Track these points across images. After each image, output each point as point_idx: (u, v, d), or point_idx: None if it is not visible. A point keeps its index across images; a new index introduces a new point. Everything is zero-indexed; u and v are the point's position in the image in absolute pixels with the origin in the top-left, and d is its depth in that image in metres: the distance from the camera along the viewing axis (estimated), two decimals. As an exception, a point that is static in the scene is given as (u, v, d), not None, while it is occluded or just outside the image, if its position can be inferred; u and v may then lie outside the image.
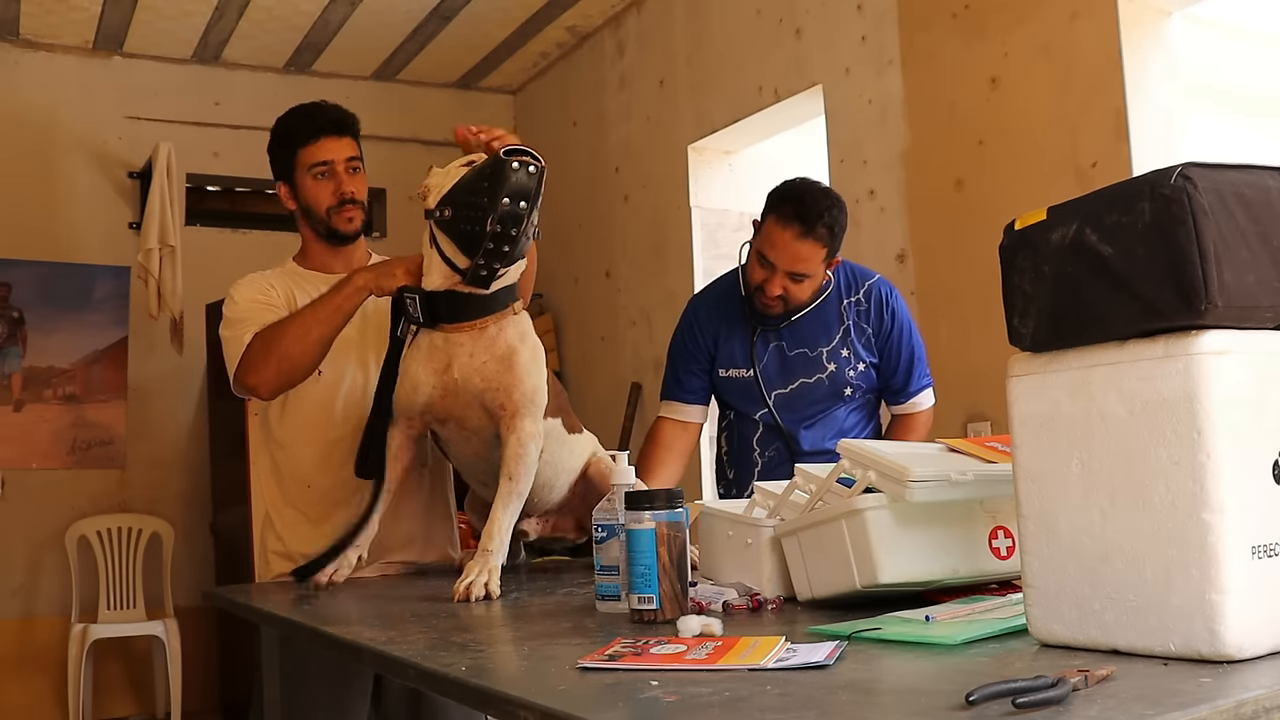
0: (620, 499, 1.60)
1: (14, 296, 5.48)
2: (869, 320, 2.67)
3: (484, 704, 1.12)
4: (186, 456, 5.67)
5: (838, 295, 2.68)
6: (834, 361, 2.65)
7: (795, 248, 2.52)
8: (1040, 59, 3.37)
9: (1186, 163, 1.08)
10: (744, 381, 2.69)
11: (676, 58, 5.04)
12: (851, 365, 2.65)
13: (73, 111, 5.59)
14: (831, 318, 2.67)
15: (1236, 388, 1.05)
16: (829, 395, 2.66)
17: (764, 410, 2.68)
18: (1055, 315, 1.16)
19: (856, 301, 2.68)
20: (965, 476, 1.42)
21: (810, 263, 2.55)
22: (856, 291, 2.69)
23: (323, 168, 2.37)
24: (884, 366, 2.70)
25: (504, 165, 1.91)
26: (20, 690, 5.26)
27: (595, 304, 5.47)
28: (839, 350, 2.66)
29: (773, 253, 2.55)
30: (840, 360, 2.65)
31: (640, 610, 1.48)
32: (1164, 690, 0.95)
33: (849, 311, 2.67)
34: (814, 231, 2.51)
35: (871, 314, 2.67)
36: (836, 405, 2.68)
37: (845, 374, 2.65)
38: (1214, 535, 1.02)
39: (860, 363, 2.66)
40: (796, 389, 2.66)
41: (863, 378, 2.67)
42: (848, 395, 2.67)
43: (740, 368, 2.69)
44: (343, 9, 5.25)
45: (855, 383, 2.66)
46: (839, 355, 2.66)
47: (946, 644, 1.17)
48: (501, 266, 2.00)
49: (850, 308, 2.67)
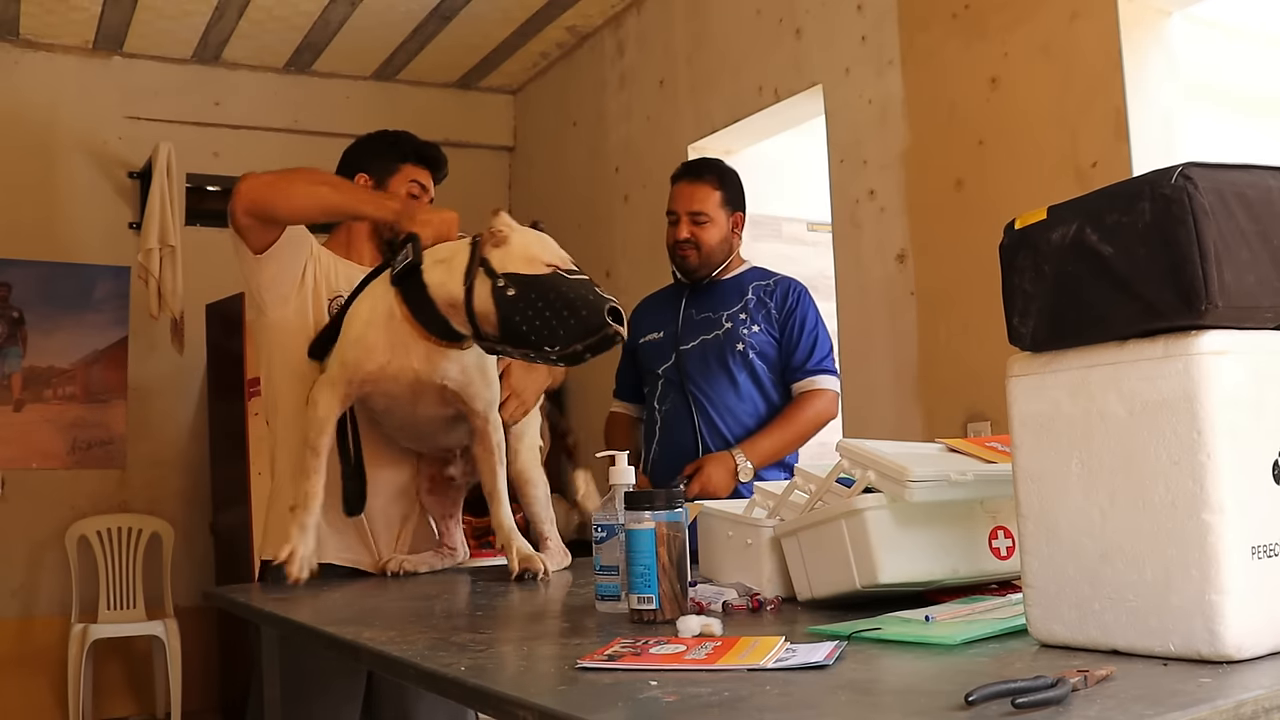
0: (620, 499, 1.60)
1: (14, 296, 5.47)
2: (773, 299, 3.01)
3: (484, 704, 1.12)
4: (186, 456, 5.67)
5: (748, 279, 3.05)
6: (731, 321, 2.99)
7: (689, 190, 3.02)
8: (1040, 59, 3.37)
9: (1187, 163, 1.08)
10: (656, 342, 3.09)
11: (676, 58, 5.04)
12: (746, 326, 2.97)
13: (73, 111, 5.59)
14: (737, 292, 3.03)
15: (1236, 388, 1.05)
16: (723, 350, 2.97)
17: (668, 364, 3.03)
18: (1055, 315, 1.16)
19: (765, 285, 3.05)
20: (965, 476, 1.42)
21: (706, 203, 2.99)
22: (768, 279, 3.06)
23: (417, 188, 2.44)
24: (784, 343, 2.99)
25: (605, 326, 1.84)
26: (20, 690, 5.26)
27: (595, 304, 5.45)
28: (738, 314, 3.00)
29: (674, 203, 3.04)
30: (737, 321, 2.99)
31: (640, 610, 1.48)
32: (1164, 690, 0.95)
33: (756, 291, 3.03)
34: (702, 176, 3.04)
35: (776, 295, 3.02)
36: (732, 363, 2.97)
37: (739, 331, 2.97)
38: (1214, 535, 1.02)
39: (755, 325, 2.97)
40: (697, 345, 3.01)
41: (756, 338, 2.97)
42: (740, 350, 2.96)
43: (654, 331, 3.10)
44: (343, 9, 5.25)
45: (748, 340, 2.96)
46: (737, 318, 2.99)
47: (946, 644, 1.17)
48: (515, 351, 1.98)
49: (758, 289, 3.03)
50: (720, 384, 2.98)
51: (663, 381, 3.05)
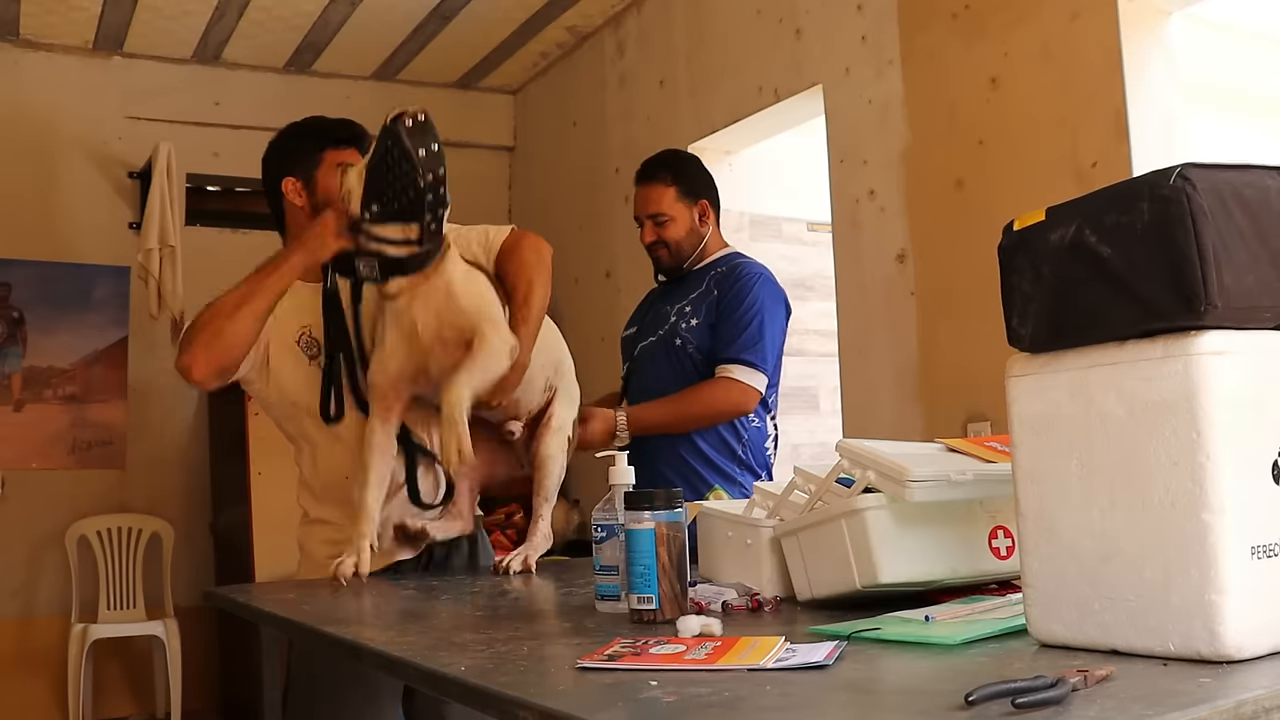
0: (620, 499, 1.60)
1: (14, 296, 5.47)
2: (720, 285, 2.86)
3: (484, 704, 1.12)
4: (186, 456, 5.67)
5: (714, 266, 2.93)
6: (676, 315, 2.89)
7: (643, 194, 2.97)
8: (1040, 59, 3.37)
9: (1186, 163, 1.08)
10: (627, 338, 3.05)
11: (676, 58, 5.04)
12: (686, 320, 2.86)
13: (73, 111, 5.59)
14: (697, 282, 2.92)
15: (1236, 388, 1.05)
16: (665, 346, 2.87)
17: (630, 362, 2.98)
18: (1054, 316, 1.16)
19: (720, 270, 2.91)
20: (965, 476, 1.42)
21: (660, 202, 2.93)
22: (724, 266, 2.92)
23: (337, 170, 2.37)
24: (716, 330, 2.82)
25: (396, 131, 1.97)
26: (20, 690, 5.26)
27: (595, 304, 5.46)
28: (684, 308, 2.89)
29: (636, 209, 2.99)
30: (681, 314, 2.88)
31: (640, 610, 1.48)
32: (1163, 690, 0.95)
33: (711, 279, 2.90)
34: (653, 176, 2.97)
35: (724, 280, 2.87)
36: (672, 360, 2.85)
37: (679, 327, 2.86)
38: (1213, 535, 1.02)
39: (695, 318, 2.85)
40: (648, 343, 2.94)
41: (694, 333, 2.83)
42: (678, 346, 2.84)
43: (631, 326, 3.06)
44: (343, 9, 5.25)
45: (685, 336, 2.84)
46: (682, 310, 2.88)
47: (946, 644, 1.17)
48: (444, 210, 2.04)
49: (713, 276, 2.90)
50: (658, 381, 2.86)
51: (624, 379, 3.02)
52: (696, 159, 3.09)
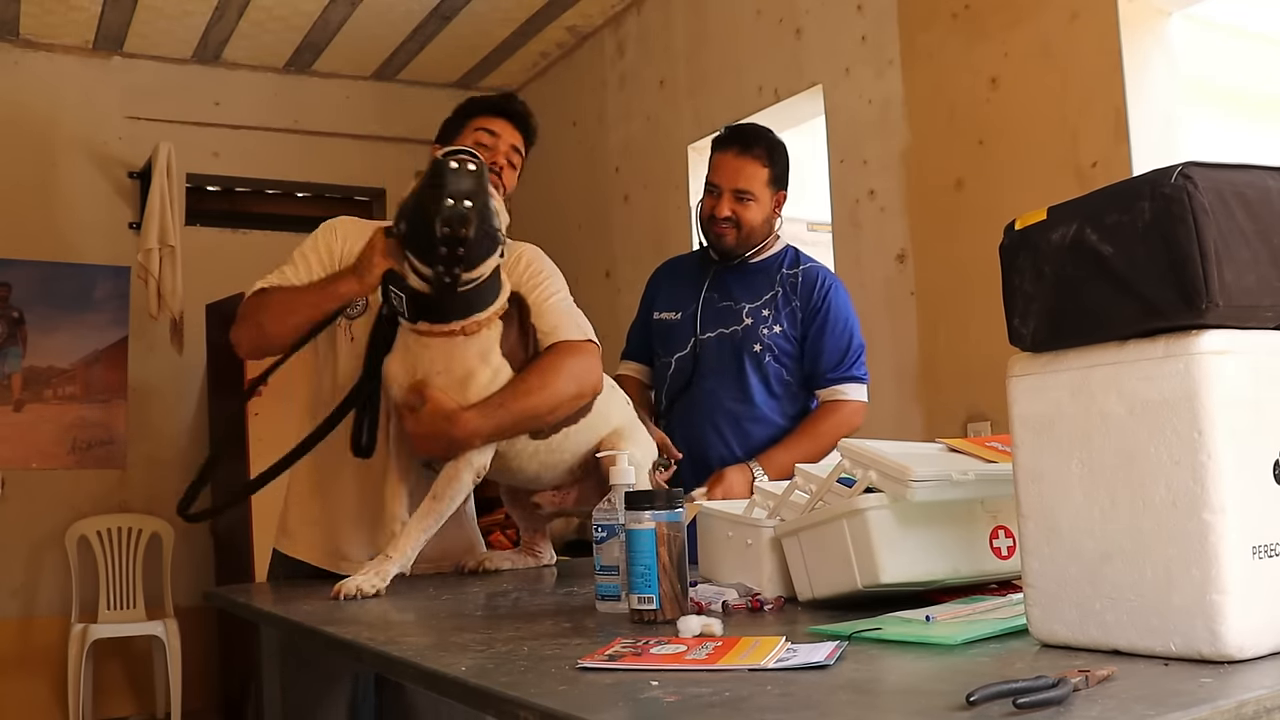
0: (620, 499, 1.60)
1: (14, 296, 5.47)
2: (798, 293, 2.74)
3: (484, 704, 1.11)
4: (186, 456, 5.66)
5: (779, 264, 2.78)
6: (752, 317, 2.74)
7: (736, 164, 2.73)
8: (1040, 59, 3.37)
9: (1186, 162, 1.08)
10: (672, 323, 2.83)
11: (676, 58, 5.04)
12: (767, 325, 2.72)
13: (73, 111, 5.59)
14: (765, 281, 2.77)
15: (1237, 388, 1.05)
16: (739, 348, 2.73)
17: (683, 353, 2.79)
18: (1055, 315, 1.16)
19: (794, 275, 2.77)
20: (966, 476, 1.42)
21: (753, 181, 2.72)
22: (797, 267, 2.78)
23: (484, 135, 2.33)
24: (809, 348, 2.72)
25: (442, 166, 1.89)
26: (20, 690, 5.26)
27: (595, 304, 5.42)
28: (760, 310, 2.74)
29: (716, 176, 2.76)
30: (759, 317, 2.73)
31: (640, 610, 1.48)
32: (1165, 690, 0.95)
33: (784, 281, 2.76)
34: (751, 150, 2.73)
35: (801, 288, 2.74)
36: (748, 363, 2.72)
37: (759, 331, 2.72)
38: (1214, 535, 1.02)
39: (777, 325, 2.72)
40: (714, 337, 2.76)
41: (776, 339, 2.72)
42: (757, 351, 2.72)
43: (671, 311, 2.84)
44: (343, 9, 5.25)
45: (766, 341, 2.71)
46: (759, 313, 2.74)
47: (947, 644, 1.17)
48: (462, 270, 1.95)
49: (785, 279, 2.76)
50: (733, 386, 2.73)
51: (672, 371, 2.81)
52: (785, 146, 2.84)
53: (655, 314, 2.89)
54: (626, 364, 2.98)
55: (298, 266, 2.25)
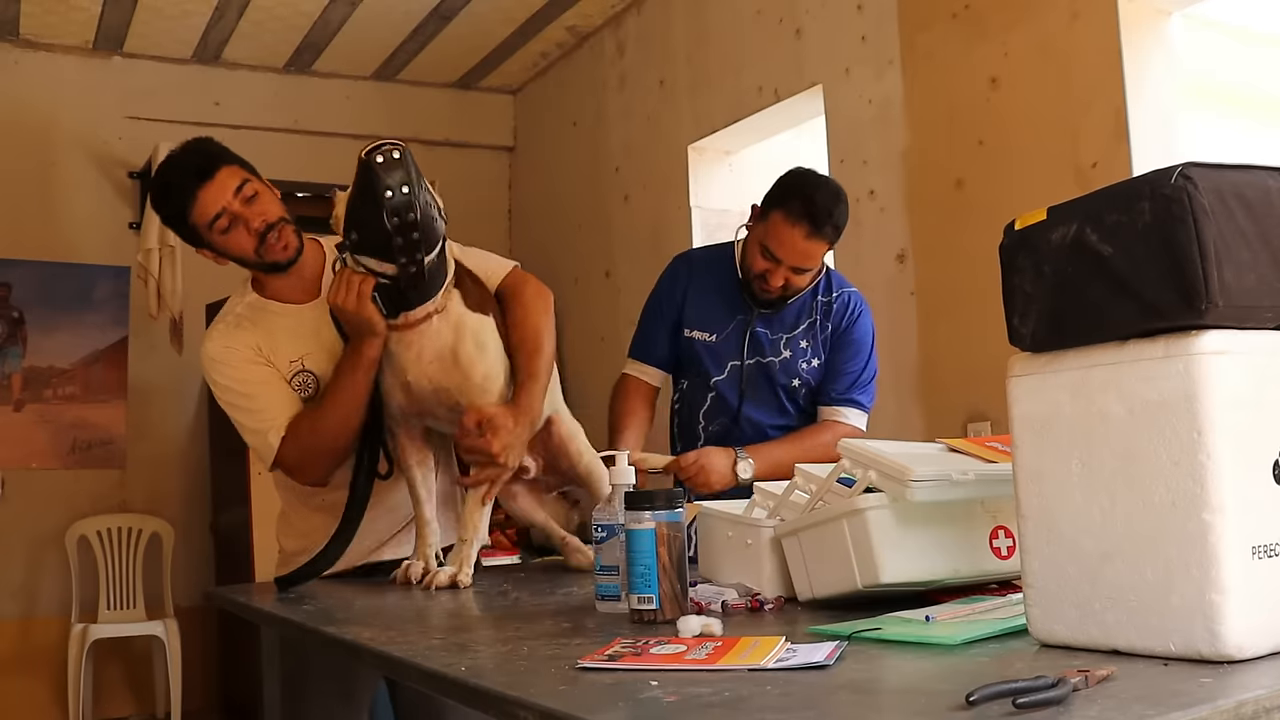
0: (620, 499, 1.60)
1: (14, 296, 5.47)
2: (830, 317, 2.72)
3: (484, 704, 1.12)
4: (186, 456, 5.67)
5: (815, 290, 2.72)
6: (790, 349, 2.70)
7: (803, 246, 2.55)
8: (1040, 59, 3.37)
9: (1186, 162, 1.08)
10: (708, 346, 2.72)
11: (676, 58, 5.04)
12: (805, 358, 2.70)
13: (73, 111, 5.59)
14: (803, 309, 2.71)
15: (1236, 388, 1.05)
16: (776, 380, 2.69)
17: (720, 377, 2.70)
18: (1055, 315, 1.16)
19: (828, 300, 2.73)
20: (966, 476, 1.42)
21: (814, 259, 2.61)
22: (831, 293, 2.74)
23: (221, 221, 2.16)
24: (827, 367, 2.72)
25: (368, 165, 1.88)
26: (20, 690, 5.26)
27: (595, 304, 5.47)
28: (798, 340, 2.70)
29: (780, 249, 2.56)
30: (797, 350, 2.70)
31: (640, 610, 1.48)
32: (1164, 690, 0.95)
33: (819, 309, 2.72)
34: (821, 231, 2.54)
35: (834, 311, 2.72)
36: (783, 396, 2.71)
37: (797, 365, 2.69)
38: (1214, 535, 1.02)
39: (815, 359, 2.70)
40: (753, 365, 2.69)
41: (811, 374, 2.71)
42: (795, 386, 2.70)
43: (707, 332, 2.72)
44: (343, 9, 5.25)
45: (804, 375, 2.70)
46: (797, 344, 2.70)
47: (947, 644, 1.17)
48: (424, 255, 1.95)
49: (820, 305, 2.72)
50: (776, 414, 2.71)
51: (714, 395, 2.72)
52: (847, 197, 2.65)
53: (685, 330, 2.75)
54: (639, 365, 2.82)
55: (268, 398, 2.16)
